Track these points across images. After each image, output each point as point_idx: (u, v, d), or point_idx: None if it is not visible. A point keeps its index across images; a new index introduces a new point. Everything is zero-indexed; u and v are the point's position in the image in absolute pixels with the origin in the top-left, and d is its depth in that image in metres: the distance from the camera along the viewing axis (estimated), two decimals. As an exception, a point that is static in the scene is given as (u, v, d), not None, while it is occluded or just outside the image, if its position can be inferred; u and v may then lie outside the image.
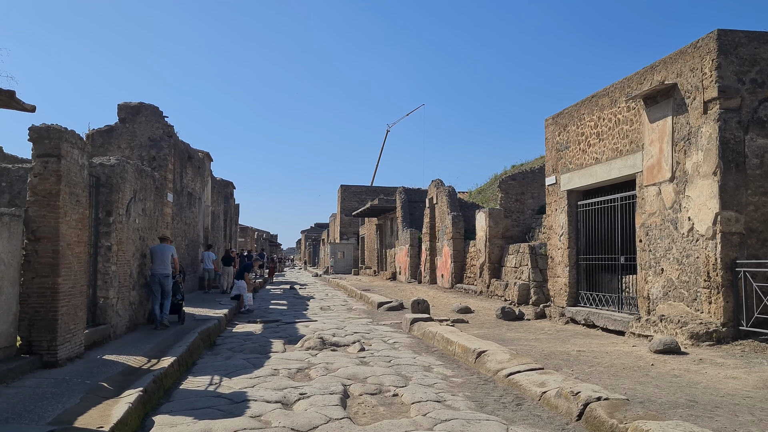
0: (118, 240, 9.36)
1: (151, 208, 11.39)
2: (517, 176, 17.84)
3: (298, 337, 11.30)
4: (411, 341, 11.03)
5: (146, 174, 10.97)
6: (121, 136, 12.89)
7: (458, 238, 21.19)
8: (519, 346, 9.53)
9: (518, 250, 16.45)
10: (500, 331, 11.96)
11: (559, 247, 13.38)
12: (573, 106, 12.94)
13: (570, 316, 12.68)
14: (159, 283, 11.20)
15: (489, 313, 14.84)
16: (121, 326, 9.61)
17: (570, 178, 12.93)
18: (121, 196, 9.39)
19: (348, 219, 49.85)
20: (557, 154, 13.61)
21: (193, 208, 20.85)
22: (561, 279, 13.27)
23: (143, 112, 13.02)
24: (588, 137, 12.23)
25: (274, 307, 18.09)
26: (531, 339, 10.65)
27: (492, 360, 8.09)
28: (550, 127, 14.02)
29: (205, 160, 24.08)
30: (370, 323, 13.88)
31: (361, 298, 20.90)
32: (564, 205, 13.21)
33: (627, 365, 7.69)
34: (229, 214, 34.78)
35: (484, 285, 18.15)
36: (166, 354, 8.25)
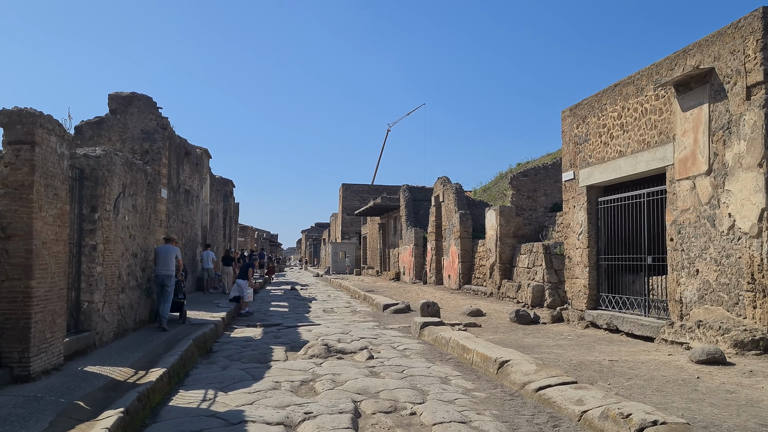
0: (105, 238, 8.56)
1: (142, 204, 10.59)
2: (529, 172, 17.04)
3: (301, 343, 10.50)
4: (422, 347, 10.24)
5: (137, 167, 10.17)
6: (112, 128, 12.09)
7: (466, 238, 20.38)
8: (542, 354, 8.73)
9: (531, 250, 15.65)
10: (516, 336, 11.17)
11: (578, 247, 12.59)
12: (593, 97, 12.14)
13: (590, 320, 11.88)
14: (161, 284, 11.20)
15: (502, 316, 14.04)
16: (108, 333, 8.81)
17: (590, 172, 12.12)
18: (107, 191, 8.59)
19: (350, 218, 49.03)
20: (575, 148, 12.80)
21: (190, 206, 20.05)
22: (580, 280, 12.47)
23: (136, 103, 12.22)
24: (610, 129, 11.43)
25: (274, 310, 17.29)
26: (552, 345, 9.85)
27: (517, 371, 7.30)
28: (568, 119, 13.22)
29: (204, 157, 23.27)
30: (376, 327, 13.08)
31: (365, 299, 20.10)
32: (583, 201, 12.41)
33: (669, 378, 6.89)
34: (229, 213, 33.98)
35: (494, 286, 17.35)
36: (155, 364, 7.45)
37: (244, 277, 15.78)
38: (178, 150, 17.95)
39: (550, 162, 17.24)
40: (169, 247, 11.58)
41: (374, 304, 17.77)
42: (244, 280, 15.68)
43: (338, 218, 52.81)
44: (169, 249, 11.52)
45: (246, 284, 15.66)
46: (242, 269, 16.07)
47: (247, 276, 15.81)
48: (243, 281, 15.66)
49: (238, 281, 15.82)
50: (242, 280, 15.67)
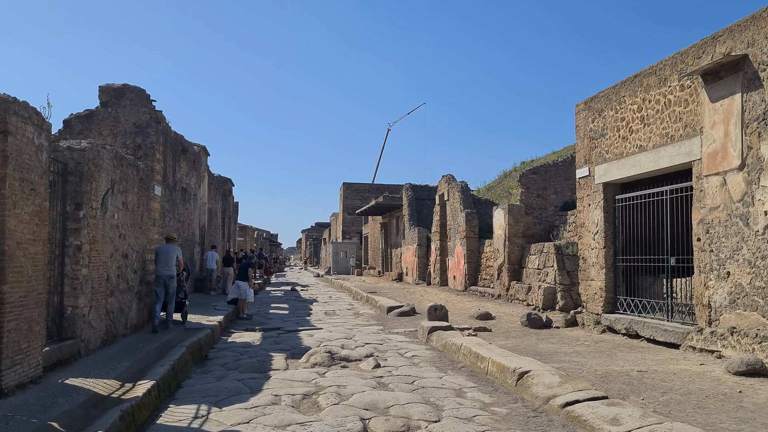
0: (91, 238, 7.93)
1: (134, 201, 9.96)
2: (539, 170, 16.40)
3: (302, 349, 9.88)
4: (431, 354, 9.62)
5: (127, 162, 9.54)
6: (102, 121, 11.46)
7: (472, 237, 19.73)
8: (562, 363, 8.11)
9: (542, 250, 15.02)
10: (530, 341, 10.55)
11: (593, 247, 11.96)
12: (611, 89, 11.51)
13: (607, 324, 11.25)
14: (163, 284, 11.11)
15: (512, 319, 13.42)
16: (95, 340, 8.18)
17: (607, 169, 11.49)
18: (94, 187, 7.96)
19: (351, 218, 48.37)
20: (590, 143, 12.17)
21: (187, 204, 19.42)
22: (595, 282, 11.84)
23: (128, 95, 11.58)
24: (630, 122, 10.80)
25: (274, 312, 16.66)
26: (570, 352, 9.23)
27: (539, 383, 6.67)
28: (582, 113, 12.58)
29: (201, 154, 22.64)
30: (381, 331, 12.46)
31: (368, 301, 19.47)
32: (599, 199, 11.78)
33: (708, 392, 6.26)
34: (228, 212, 33.35)
35: (502, 288, 16.71)
36: (144, 375, 6.83)
37: (243, 278, 15.15)
38: (174, 146, 17.32)
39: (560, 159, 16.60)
40: (170, 247, 11.45)
41: (377, 307, 17.15)
42: (244, 282, 15.05)
43: (339, 218, 52.16)
44: (170, 249, 11.39)
45: (246, 285, 15.04)
46: (241, 270, 15.43)
47: (247, 276, 15.20)
48: (243, 282, 15.04)
49: (237, 282, 15.20)
50: (242, 282, 15.05)
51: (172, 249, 11.48)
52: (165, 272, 11.23)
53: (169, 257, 11.31)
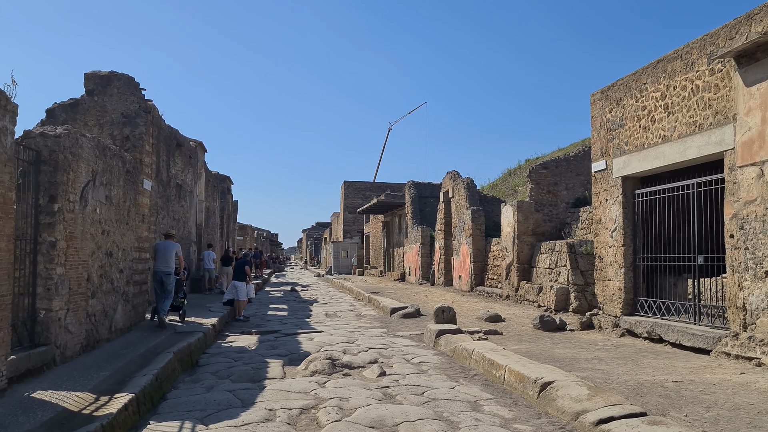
0: (68, 234, 7.21)
1: (119, 195, 9.24)
2: (549, 164, 15.65)
3: (301, 355, 9.16)
4: (440, 360, 8.90)
5: (111, 152, 8.82)
6: (88, 111, 10.73)
7: (479, 236, 19.00)
8: (585, 371, 7.39)
9: (553, 249, 14.28)
10: (545, 345, 9.84)
11: (611, 245, 11.23)
12: (630, 76, 10.78)
13: (626, 327, 10.53)
14: (160, 281, 10.98)
15: (523, 321, 12.70)
16: (72, 346, 7.46)
17: (626, 161, 10.77)
18: (71, 178, 7.24)
19: (352, 217, 47.62)
20: (608, 135, 11.44)
21: (183, 202, 18.71)
22: (613, 283, 11.12)
23: (115, 83, 10.85)
24: (652, 111, 10.08)
25: (272, 313, 15.94)
26: (590, 358, 8.51)
27: (564, 396, 5.95)
28: (599, 102, 11.85)
29: (198, 150, 21.93)
30: (385, 334, 11.74)
31: (370, 302, 18.75)
32: (617, 194, 11.05)
33: (759, 407, 5.53)
34: (226, 210, 32.63)
35: (511, 288, 15.98)
36: (124, 386, 6.11)
37: (240, 277, 14.43)
38: (168, 141, 16.61)
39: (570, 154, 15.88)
40: (170, 243, 11.34)
41: (380, 308, 16.43)
42: (241, 282, 14.33)
43: (340, 216, 51.42)
44: (169, 245, 11.28)
45: (243, 285, 14.32)
46: (237, 269, 14.70)
47: (244, 276, 14.47)
48: (240, 283, 14.31)
49: (234, 283, 14.48)
50: (239, 282, 14.32)
51: (171, 245, 11.31)
52: (163, 269, 11.06)
53: (167, 254, 11.14)
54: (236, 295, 14.21)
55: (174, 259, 11.28)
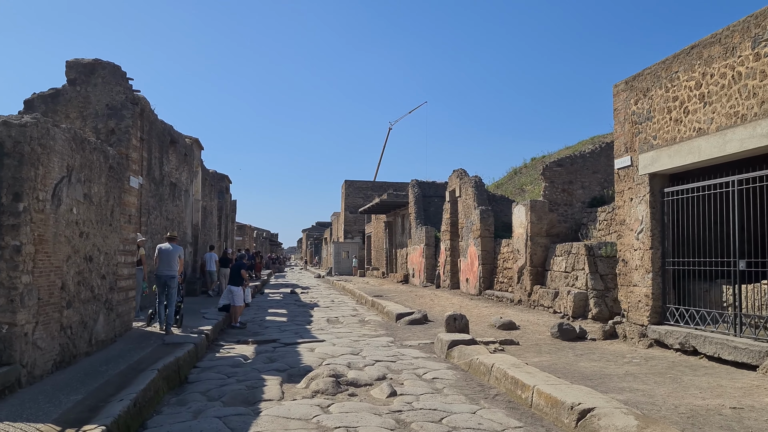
0: (37, 237, 6.35)
1: (101, 194, 8.37)
2: (564, 162, 14.78)
3: (302, 369, 8.31)
4: (455, 376, 8.05)
5: (91, 146, 7.95)
6: (70, 102, 9.87)
7: (488, 237, 18.12)
8: (623, 392, 6.53)
9: (569, 251, 13.41)
10: (567, 358, 8.99)
11: (637, 248, 10.37)
12: (659, 64, 9.92)
13: (655, 337, 9.67)
14: (164, 285, 10.78)
15: (539, 329, 11.84)
16: (43, 363, 6.59)
17: (655, 157, 9.90)
18: (41, 173, 6.38)
19: (353, 216, 46.73)
20: (633, 129, 10.58)
21: (177, 201, 17.85)
22: (640, 288, 10.26)
23: (99, 72, 9.99)
24: (685, 102, 9.21)
25: (271, 319, 15.08)
26: (623, 375, 7.65)
27: (609, 427, 5.09)
28: (623, 94, 10.99)
29: (194, 148, 21.08)
30: (391, 344, 10.89)
31: (374, 306, 17.89)
32: (644, 193, 10.19)
33: None
34: (225, 210, 31.78)
35: (523, 293, 15.11)
36: (96, 414, 5.25)
37: (236, 282, 13.56)
38: (161, 136, 15.76)
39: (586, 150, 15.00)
40: (175, 246, 11.10)
41: (385, 313, 15.57)
42: (237, 287, 13.46)
43: (341, 216, 50.54)
44: (172, 248, 11.03)
45: (239, 290, 13.45)
46: (233, 273, 13.82)
47: (240, 280, 13.60)
48: (236, 288, 13.44)
49: (229, 287, 13.61)
50: (235, 287, 13.46)
51: (175, 248, 11.07)
52: (166, 272, 10.85)
53: (171, 257, 10.94)
54: (232, 300, 13.35)
55: (177, 263, 11.04)
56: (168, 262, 10.86)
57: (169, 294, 10.77)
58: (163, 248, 11.05)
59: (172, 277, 10.86)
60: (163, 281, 10.83)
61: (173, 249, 11.04)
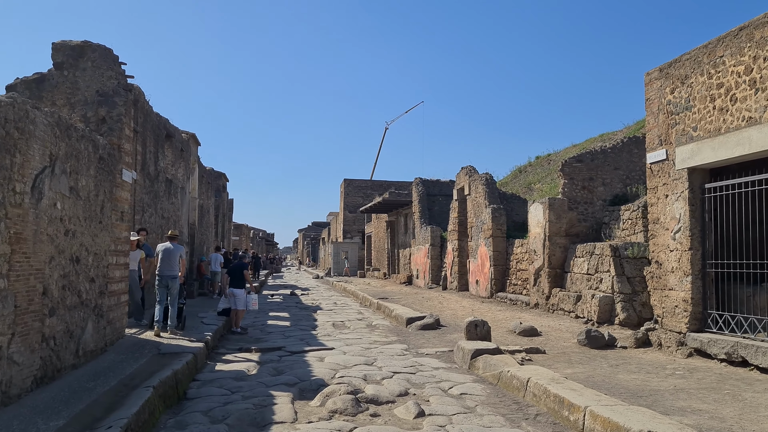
0: (14, 235, 5.49)
1: (89, 187, 7.51)
2: (584, 157, 13.93)
3: (314, 383, 7.47)
4: (484, 391, 7.23)
5: (79, 133, 7.09)
6: (56, 88, 9.00)
7: (500, 237, 17.28)
8: (684, 413, 5.72)
9: (592, 252, 12.59)
10: (603, 369, 8.18)
11: (673, 249, 9.57)
12: (700, 49, 9.11)
13: (696, 346, 8.86)
14: (166, 286, 10.55)
15: (563, 336, 11.03)
16: (21, 380, 5.73)
17: (694, 150, 9.10)
18: (18, 162, 5.52)
19: (352, 216, 45.84)
20: (668, 120, 9.78)
21: (173, 198, 16.98)
22: (676, 293, 9.46)
23: (89, 55, 9.11)
24: (732, 89, 8.41)
25: (273, 324, 14.22)
26: (672, 390, 6.84)
27: (691, 462, 4.26)
28: (656, 82, 10.18)
29: (191, 143, 20.20)
30: (406, 352, 10.06)
31: (380, 309, 17.05)
32: (682, 189, 9.39)
33: None
34: (222, 209, 30.90)
35: (541, 296, 14.28)
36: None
37: (238, 284, 12.65)
38: (156, 130, 14.89)
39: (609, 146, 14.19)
40: (176, 246, 10.89)
41: (393, 317, 14.73)
42: (240, 290, 12.57)
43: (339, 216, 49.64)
44: (173, 247, 10.81)
45: (242, 293, 12.56)
46: (233, 274, 12.90)
47: (243, 281, 12.71)
48: (238, 291, 12.55)
49: (231, 290, 12.72)
50: (237, 290, 12.57)
51: (176, 248, 10.85)
52: (168, 272, 10.61)
53: (173, 257, 10.72)
54: (234, 304, 12.48)
55: (178, 263, 10.81)
56: (169, 262, 10.63)
57: (171, 295, 10.57)
58: (165, 248, 10.80)
59: (174, 277, 10.64)
60: (165, 282, 10.57)
61: (174, 248, 10.81)
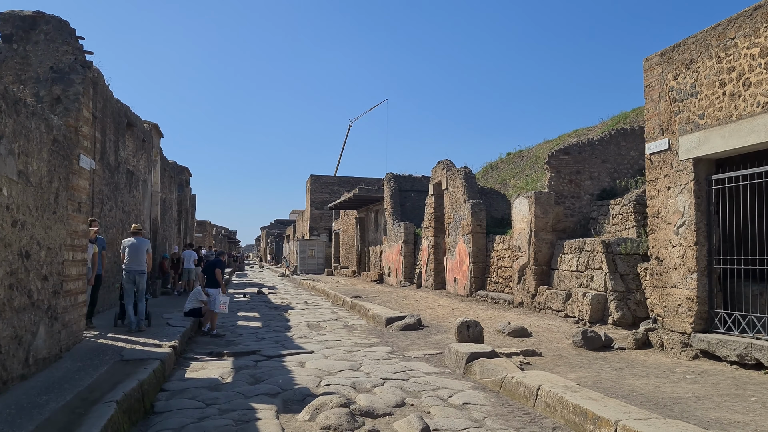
0: (-52, 225, 4.57)
1: (41, 173, 6.58)
2: (571, 150, 13.37)
3: (297, 392, 6.68)
4: (488, 400, 6.54)
5: (29, 110, 6.16)
6: (4, 63, 8.00)
7: (479, 233, 16.65)
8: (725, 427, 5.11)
9: (582, 248, 12.03)
10: (607, 373, 7.60)
11: (676, 244, 9.04)
12: (709, 31, 8.58)
13: (702, 347, 8.33)
14: (133, 282, 10.43)
15: (555, 336, 10.43)
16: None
17: (701, 139, 8.56)
18: (-47, 136, 4.61)
19: (319, 213, 44.88)
20: (671, 107, 9.24)
21: (134, 192, 15.93)
22: (680, 291, 8.93)
23: (42, 27, 8.15)
24: (744, 73, 7.88)
25: (243, 324, 13.33)
26: (690, 396, 6.28)
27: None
28: (657, 68, 9.64)
29: (153, 134, 19.11)
30: (392, 355, 9.34)
31: (354, 308, 16.29)
32: (686, 180, 8.86)
33: None
34: (184, 205, 29.73)
35: (525, 294, 13.68)
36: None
37: (213, 283, 11.70)
38: (117, 117, 13.86)
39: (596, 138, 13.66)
40: (141, 240, 10.75)
41: (371, 317, 13.98)
42: (215, 289, 11.64)
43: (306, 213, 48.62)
44: (140, 242, 10.69)
45: (217, 293, 11.63)
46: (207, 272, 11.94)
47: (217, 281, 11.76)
48: (213, 290, 11.62)
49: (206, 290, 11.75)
50: (212, 289, 11.63)
51: (143, 242, 10.73)
52: (136, 268, 10.48)
53: (140, 252, 10.60)
54: (212, 305, 11.53)
55: (146, 257, 10.69)
56: (137, 257, 10.49)
57: (139, 291, 10.47)
58: (130, 243, 10.61)
59: (142, 272, 10.54)
60: (133, 277, 10.42)
61: (141, 243, 10.64)
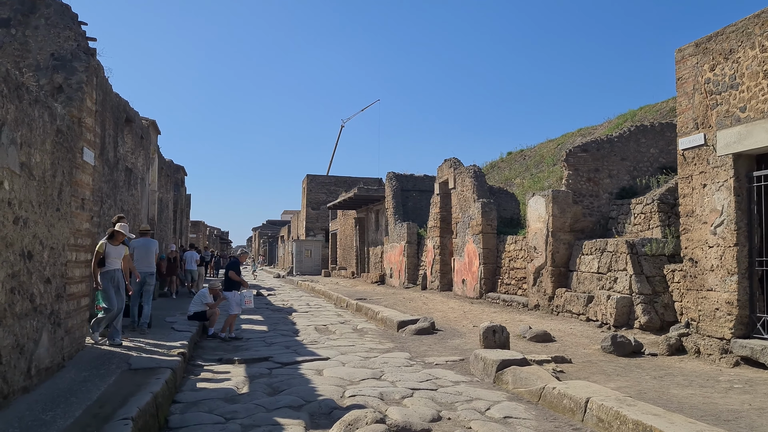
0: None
1: (45, 166, 6.02)
2: (590, 147, 12.85)
3: (323, 405, 6.16)
4: (528, 413, 6.04)
5: (32, 97, 5.61)
6: (2, 48, 7.45)
7: (490, 233, 16.16)
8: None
9: (603, 249, 11.55)
10: (647, 382, 7.13)
11: (713, 244, 8.57)
12: (751, 19, 8.12)
13: (745, 354, 7.87)
14: (142, 283, 10.27)
15: (580, 341, 9.95)
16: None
17: (742, 133, 8.10)
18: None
19: (315, 213, 44.27)
20: (707, 100, 8.77)
21: (133, 190, 15.34)
22: (717, 294, 8.46)
23: (42, 11, 7.58)
24: (793, 63, 7.43)
25: (248, 328, 12.79)
26: (749, 409, 5.82)
27: None
28: (690, 59, 9.17)
29: (151, 131, 18.51)
30: (412, 362, 8.82)
31: (360, 311, 15.76)
32: (725, 177, 8.39)
33: None
34: (180, 204, 29.10)
35: (542, 297, 13.19)
36: None
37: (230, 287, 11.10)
38: (116, 112, 13.28)
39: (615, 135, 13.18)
40: (149, 241, 10.69)
41: (380, 320, 13.46)
42: (230, 292, 11.06)
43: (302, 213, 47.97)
44: (149, 243, 10.62)
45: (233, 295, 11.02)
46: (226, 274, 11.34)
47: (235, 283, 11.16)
48: (230, 293, 11.04)
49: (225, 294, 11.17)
50: (228, 292, 11.07)
51: (152, 243, 10.65)
52: (145, 269, 10.32)
53: (149, 252, 10.51)
54: (229, 308, 10.96)
55: (154, 258, 10.62)
56: (147, 259, 10.37)
57: (147, 292, 10.34)
58: (141, 243, 10.47)
59: (151, 274, 10.44)
60: (143, 279, 10.23)
61: (149, 243, 10.53)
